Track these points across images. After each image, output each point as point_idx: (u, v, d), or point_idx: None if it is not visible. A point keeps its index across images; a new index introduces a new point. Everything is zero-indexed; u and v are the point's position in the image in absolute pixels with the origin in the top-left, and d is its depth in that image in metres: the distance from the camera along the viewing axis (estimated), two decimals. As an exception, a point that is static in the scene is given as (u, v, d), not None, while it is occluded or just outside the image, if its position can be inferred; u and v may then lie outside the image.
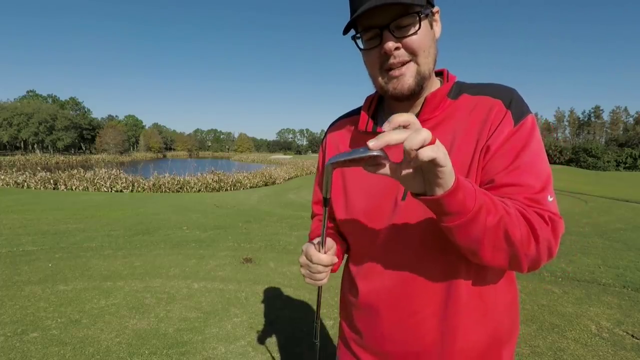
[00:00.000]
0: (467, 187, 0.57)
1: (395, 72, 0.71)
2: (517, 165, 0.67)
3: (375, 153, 0.53)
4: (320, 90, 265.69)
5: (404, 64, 0.71)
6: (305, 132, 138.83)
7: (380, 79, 0.74)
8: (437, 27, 0.76)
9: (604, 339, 2.60)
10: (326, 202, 0.70)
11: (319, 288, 0.89)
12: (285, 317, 2.98)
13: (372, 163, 0.56)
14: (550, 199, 0.67)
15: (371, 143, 0.50)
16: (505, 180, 0.67)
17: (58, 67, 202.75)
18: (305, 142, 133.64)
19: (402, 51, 0.70)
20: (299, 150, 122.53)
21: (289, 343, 2.59)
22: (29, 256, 4.40)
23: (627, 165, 40.50)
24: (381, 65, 0.73)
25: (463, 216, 0.57)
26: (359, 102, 0.91)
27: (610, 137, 71.39)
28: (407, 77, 0.71)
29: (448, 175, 0.53)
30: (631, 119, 71.69)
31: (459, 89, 0.78)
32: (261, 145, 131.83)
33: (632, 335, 2.63)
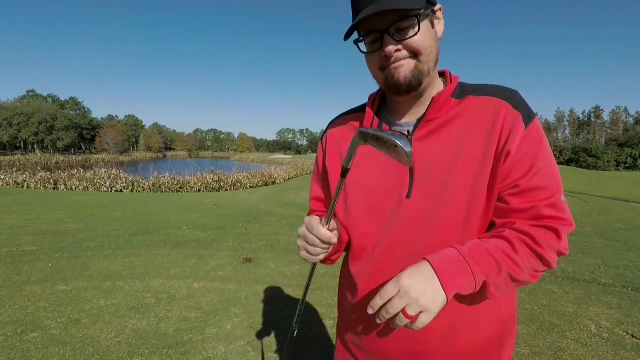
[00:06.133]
0: (463, 279, 0.64)
1: (395, 64, 0.72)
2: (537, 169, 0.70)
3: (399, 143, 0.55)
4: (320, 90, 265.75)
5: (404, 59, 0.72)
6: (305, 132, 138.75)
7: (382, 76, 0.75)
8: (440, 26, 0.76)
9: (604, 339, 2.60)
10: (345, 172, 0.69)
11: (313, 267, 0.85)
12: (285, 317, 2.98)
13: (393, 153, 0.59)
14: (563, 198, 0.71)
15: (370, 310, 0.63)
16: (528, 186, 0.69)
17: (58, 68, 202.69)
18: (305, 142, 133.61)
19: (403, 52, 0.71)
20: (299, 150, 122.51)
21: (289, 343, 2.59)
22: (29, 256, 4.39)
23: (627, 165, 40.49)
24: (383, 67, 0.74)
25: (468, 294, 0.66)
26: (359, 102, 0.91)
27: (610, 137, 71.39)
28: (404, 67, 0.72)
29: (441, 305, 0.62)
30: (631, 119, 71.64)
31: (463, 90, 0.78)
32: (261, 145, 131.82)
33: (632, 335, 2.63)
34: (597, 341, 2.57)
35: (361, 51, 0.76)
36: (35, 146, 65.21)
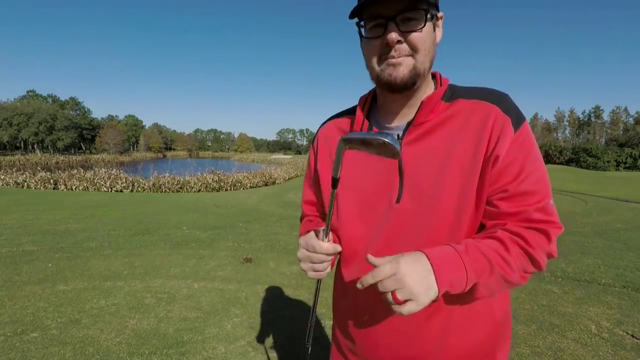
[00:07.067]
0: (456, 278, 0.64)
1: (393, 61, 0.71)
2: (527, 174, 0.70)
3: (387, 140, 0.55)
4: (321, 90, 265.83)
5: (404, 56, 0.71)
6: (305, 132, 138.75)
7: (377, 67, 0.74)
8: (439, 32, 0.77)
9: (604, 339, 2.60)
10: (335, 182, 0.69)
11: (318, 282, 0.86)
12: (285, 317, 2.98)
13: (384, 151, 0.59)
14: (551, 202, 0.71)
15: (359, 285, 0.64)
16: (517, 190, 0.70)
17: (58, 68, 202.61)
18: (305, 142, 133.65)
19: (404, 45, 0.70)
20: (299, 150, 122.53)
21: (289, 343, 2.59)
22: (29, 256, 4.40)
23: (627, 165, 40.45)
24: (380, 56, 0.73)
25: (459, 292, 0.66)
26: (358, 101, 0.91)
27: (610, 137, 71.40)
28: (403, 67, 0.71)
29: (431, 299, 0.62)
30: (631, 119, 71.62)
31: (453, 93, 0.78)
32: (261, 145, 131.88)
33: (632, 335, 2.63)
34: (597, 341, 2.57)
35: (361, 35, 0.75)
36: (35, 146, 65.19)
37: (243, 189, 16.79)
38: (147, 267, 4.10)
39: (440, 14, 0.75)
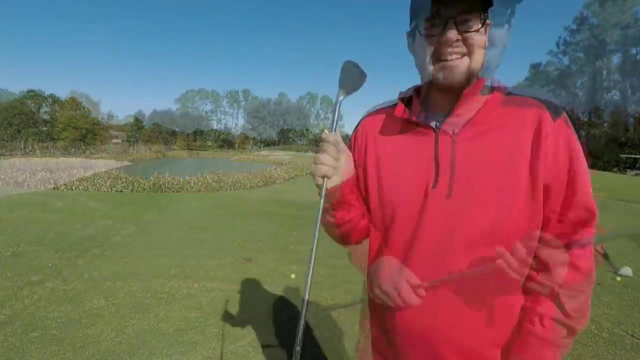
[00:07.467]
0: None
1: (450, 63, 0.72)
2: (582, 183, 0.76)
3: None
4: (321, 90, 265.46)
5: (460, 56, 0.72)
6: (305, 132, 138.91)
7: (432, 67, 0.75)
8: (486, 37, 0.77)
9: (603, 339, 2.60)
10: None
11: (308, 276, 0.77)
12: (286, 317, 2.98)
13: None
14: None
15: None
16: (574, 200, 0.76)
17: (58, 67, 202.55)
18: (305, 142, 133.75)
19: (460, 45, 0.71)
20: (299, 150, 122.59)
21: (289, 343, 2.59)
22: (29, 256, 4.40)
23: (627, 165, 40.46)
24: (435, 55, 0.74)
25: None
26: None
27: (610, 137, 71.37)
28: (460, 68, 0.72)
29: None
30: (631, 119, 71.61)
31: (508, 97, 0.78)
32: (261, 145, 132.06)
33: (632, 335, 2.63)
34: (597, 341, 2.57)
35: (419, 32, 0.76)
36: (35, 146, 65.21)
37: (243, 189, 16.78)
38: (147, 267, 4.10)
39: (489, 21, 0.76)
